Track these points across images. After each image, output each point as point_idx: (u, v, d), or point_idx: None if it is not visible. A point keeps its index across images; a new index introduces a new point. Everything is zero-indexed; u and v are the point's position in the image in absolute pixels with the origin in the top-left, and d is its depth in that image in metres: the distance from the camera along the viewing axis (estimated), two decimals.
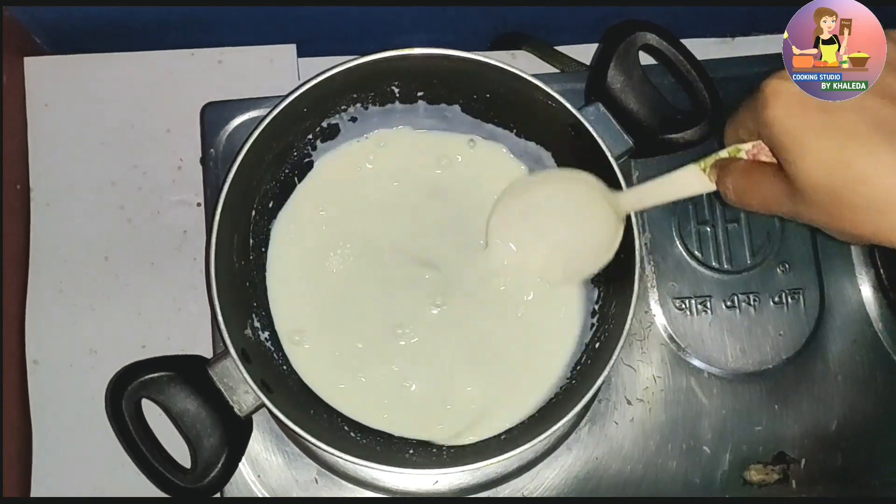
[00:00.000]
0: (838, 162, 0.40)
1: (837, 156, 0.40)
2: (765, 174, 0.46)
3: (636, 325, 0.66)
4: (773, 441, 0.65)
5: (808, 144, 0.41)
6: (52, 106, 0.72)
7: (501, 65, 0.58)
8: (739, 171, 0.47)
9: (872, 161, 0.39)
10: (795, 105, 0.42)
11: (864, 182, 0.39)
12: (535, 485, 0.64)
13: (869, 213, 0.40)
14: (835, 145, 0.40)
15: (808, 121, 0.41)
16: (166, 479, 0.54)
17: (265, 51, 0.74)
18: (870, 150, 0.39)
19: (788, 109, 0.42)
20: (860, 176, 0.39)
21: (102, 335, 0.69)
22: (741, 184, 0.47)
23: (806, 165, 0.41)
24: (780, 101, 0.42)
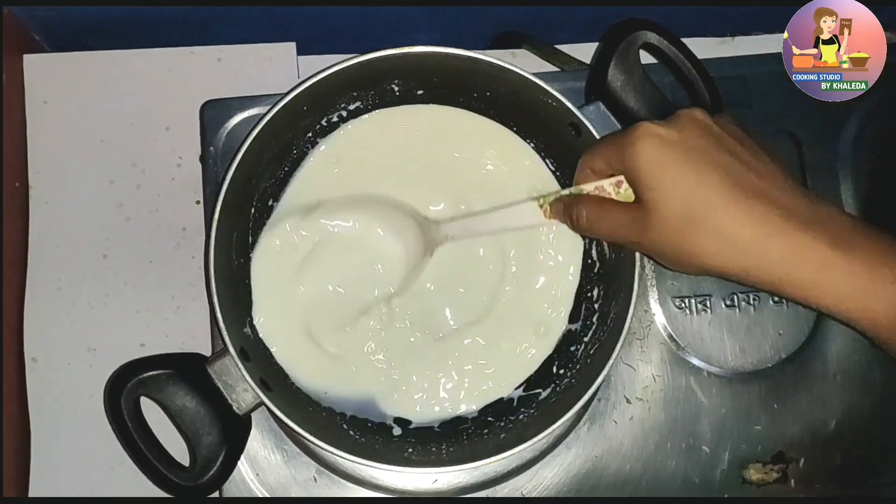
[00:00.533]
0: (693, 194, 0.48)
1: (692, 189, 0.48)
2: (615, 205, 0.53)
3: (636, 324, 0.66)
4: (772, 440, 0.64)
5: (669, 176, 0.48)
6: (51, 104, 0.72)
7: (502, 63, 0.58)
8: (592, 202, 0.54)
9: (721, 196, 0.48)
10: (660, 144, 0.49)
11: (713, 212, 0.48)
12: (534, 484, 0.64)
13: (713, 238, 0.48)
14: (691, 181, 0.48)
15: (670, 158, 0.48)
16: (165, 477, 0.54)
17: (265, 49, 0.74)
18: (718, 187, 0.48)
19: (655, 147, 0.49)
20: (711, 206, 0.48)
21: (101, 333, 0.69)
22: (593, 212, 0.54)
23: (665, 194, 0.48)
24: (649, 139, 0.49)
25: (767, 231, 0.47)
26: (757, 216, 0.47)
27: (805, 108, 0.67)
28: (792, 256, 0.47)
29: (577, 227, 0.55)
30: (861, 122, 0.67)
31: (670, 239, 0.49)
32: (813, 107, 0.66)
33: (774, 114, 0.67)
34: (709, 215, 0.48)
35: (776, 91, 0.67)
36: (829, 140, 0.67)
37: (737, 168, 0.48)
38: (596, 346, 0.62)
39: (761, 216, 0.47)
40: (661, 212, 0.49)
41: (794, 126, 0.67)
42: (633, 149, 0.49)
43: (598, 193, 0.54)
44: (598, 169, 0.54)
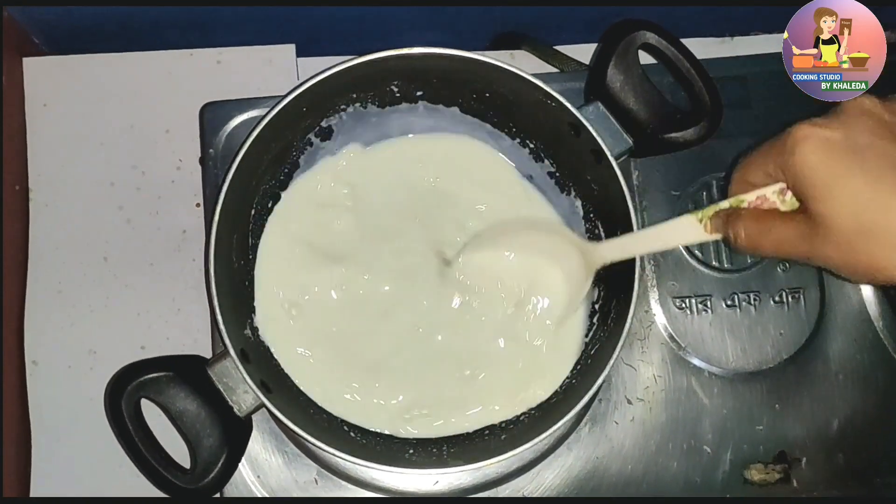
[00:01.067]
0: (869, 201, 0.43)
1: (867, 196, 0.43)
2: (776, 218, 0.48)
3: (636, 325, 0.66)
4: (773, 440, 0.64)
5: (838, 185, 0.43)
6: (51, 106, 0.72)
7: (501, 64, 0.58)
8: (751, 217, 0.49)
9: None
10: (824, 149, 0.44)
11: (890, 218, 0.42)
12: (535, 485, 0.64)
13: (891, 246, 0.43)
14: (864, 186, 0.43)
15: (838, 163, 0.43)
16: (165, 479, 0.54)
17: (264, 51, 0.74)
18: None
19: (818, 153, 0.44)
20: (890, 214, 0.42)
21: (101, 336, 0.69)
22: (753, 228, 0.49)
23: (836, 204, 0.43)
24: (810, 144, 0.44)
25: None
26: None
27: (804, 108, 0.65)
28: None
29: (736, 245, 0.50)
30: None
31: (847, 252, 0.44)
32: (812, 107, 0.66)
33: (773, 114, 0.68)
34: (891, 224, 0.43)
35: (775, 91, 0.67)
36: None
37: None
38: (597, 346, 0.62)
39: None
40: (833, 225, 0.44)
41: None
42: (794, 158, 0.45)
43: (760, 204, 0.49)
44: (756, 182, 0.49)
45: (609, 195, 0.59)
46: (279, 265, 0.63)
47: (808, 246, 0.46)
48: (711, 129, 0.58)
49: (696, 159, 0.65)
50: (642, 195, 0.67)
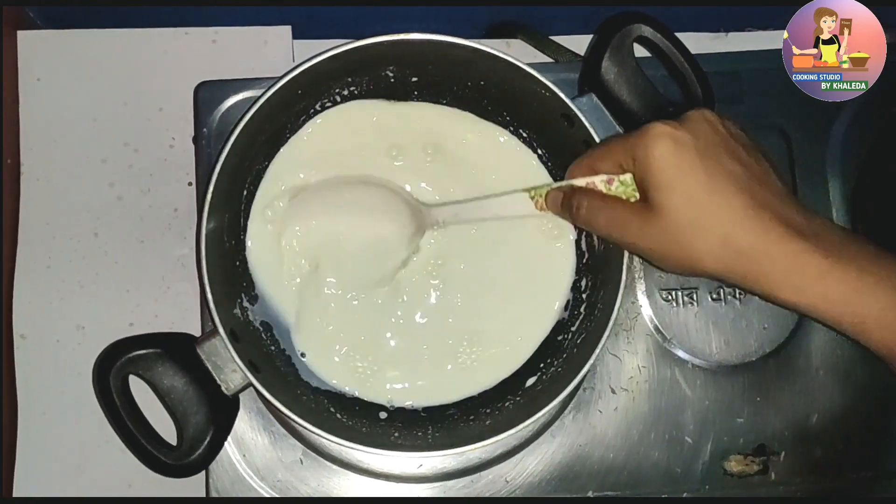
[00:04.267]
0: (703, 200, 0.49)
1: (703, 195, 0.49)
2: (617, 200, 0.54)
3: (622, 316, 0.66)
4: (753, 433, 0.65)
5: (682, 181, 0.49)
6: (45, 81, 0.72)
7: (496, 52, 0.58)
8: (595, 195, 0.55)
9: (729, 203, 0.48)
10: (675, 147, 0.49)
11: (720, 218, 0.49)
12: (518, 470, 0.65)
13: (717, 246, 0.49)
14: (702, 186, 0.49)
15: (685, 162, 0.49)
16: (152, 455, 0.55)
17: (260, 32, 0.73)
18: (727, 195, 0.48)
19: (670, 149, 0.49)
20: (718, 213, 0.48)
21: (90, 312, 0.69)
22: (595, 204, 0.54)
23: (675, 197, 0.49)
24: (665, 141, 0.49)
25: (769, 240, 0.48)
26: (761, 226, 0.48)
27: (796, 104, 0.67)
28: (789, 264, 0.48)
29: (575, 218, 0.56)
30: (850, 121, 0.67)
31: (672, 241, 0.50)
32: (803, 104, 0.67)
33: (765, 110, 0.68)
34: (717, 222, 0.49)
35: (768, 87, 0.68)
36: (819, 137, 0.68)
37: (745, 177, 0.49)
38: (583, 335, 0.62)
39: (765, 226, 0.48)
40: (669, 214, 0.49)
41: (785, 122, 0.68)
42: (646, 149, 0.50)
43: (592, 187, 0.55)
44: (600, 168, 0.54)
45: None
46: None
47: (641, 230, 0.51)
48: None
49: None
50: None
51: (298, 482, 0.63)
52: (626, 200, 0.53)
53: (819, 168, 0.68)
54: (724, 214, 0.48)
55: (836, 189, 0.68)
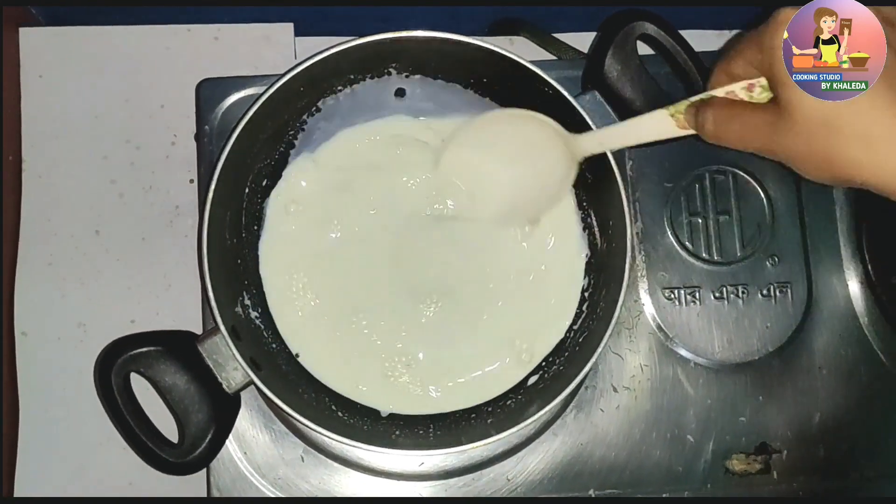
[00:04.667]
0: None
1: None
2: (745, 106, 0.48)
3: (625, 314, 0.66)
4: (756, 432, 0.65)
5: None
6: (47, 77, 0.72)
7: (500, 50, 0.58)
8: (721, 104, 0.49)
9: (871, 98, 0.43)
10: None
11: (859, 115, 0.43)
12: (519, 468, 0.64)
13: (857, 145, 0.43)
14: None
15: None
16: (153, 452, 0.55)
17: (262, 29, 0.74)
18: (872, 89, 0.43)
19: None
20: (857, 109, 0.43)
21: (91, 309, 0.69)
22: (722, 115, 0.49)
23: (804, 92, 0.44)
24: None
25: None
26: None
27: None
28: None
29: (704, 132, 0.51)
30: None
31: (808, 144, 0.44)
32: None
33: None
34: (855, 118, 0.43)
35: None
36: None
37: (891, 64, 0.44)
38: (585, 334, 0.62)
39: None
40: (799, 112, 0.44)
41: None
42: (772, 38, 0.45)
43: (729, 98, 0.50)
44: (735, 73, 0.49)
45: (602, 184, 0.59)
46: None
47: (772, 134, 0.46)
48: None
49: (690, 151, 0.66)
50: (636, 186, 0.67)
51: (300, 480, 0.63)
52: (754, 105, 0.48)
53: None
54: (863, 108, 0.43)
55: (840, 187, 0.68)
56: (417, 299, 0.64)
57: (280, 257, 0.64)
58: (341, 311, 0.63)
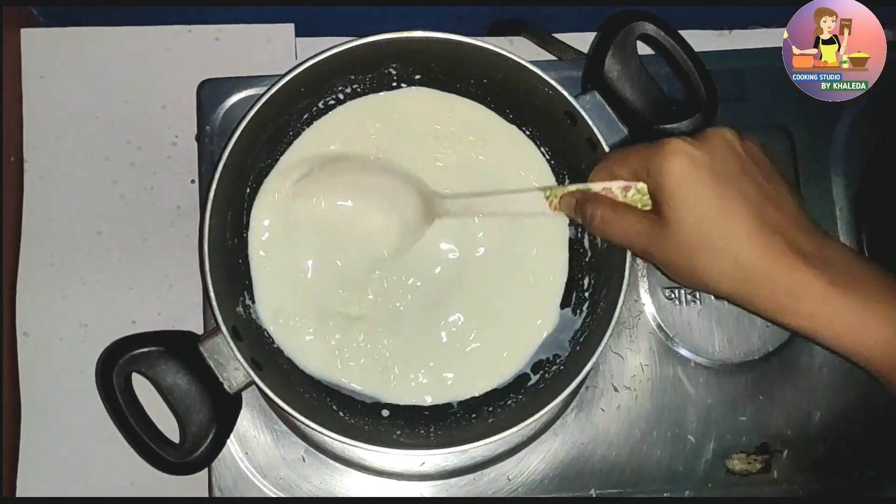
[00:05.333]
0: (715, 221, 0.49)
1: (715, 216, 0.49)
2: (631, 210, 0.54)
3: (625, 314, 0.66)
4: (756, 431, 0.65)
5: (694, 200, 0.49)
6: (48, 78, 0.72)
7: (500, 50, 0.58)
8: (608, 203, 0.55)
9: (739, 223, 0.49)
10: (691, 165, 0.50)
11: (731, 240, 0.49)
12: (520, 468, 0.65)
13: (726, 266, 0.49)
14: (714, 207, 0.49)
15: (698, 181, 0.49)
16: (155, 453, 0.55)
17: (263, 29, 0.74)
18: (740, 217, 0.49)
19: (686, 167, 0.50)
20: (730, 234, 0.49)
21: (93, 309, 0.69)
22: (609, 214, 0.54)
23: (688, 215, 0.50)
24: (681, 158, 0.50)
25: (781, 265, 0.48)
26: (772, 250, 0.48)
27: (799, 103, 0.66)
28: (797, 289, 0.48)
29: (589, 225, 0.56)
30: (854, 120, 0.67)
31: (683, 256, 0.51)
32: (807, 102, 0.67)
33: (768, 108, 0.68)
34: (727, 243, 0.49)
35: (771, 86, 0.68)
36: (822, 136, 0.68)
37: (760, 200, 0.49)
38: (585, 333, 0.62)
39: (776, 250, 0.48)
40: (681, 231, 0.50)
41: (788, 121, 0.68)
42: (662, 165, 0.50)
43: (605, 194, 0.55)
44: (618, 174, 0.54)
45: None
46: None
47: (653, 243, 0.52)
48: (706, 121, 0.59)
49: None
50: None
51: (301, 480, 0.63)
52: (639, 210, 0.54)
53: (823, 166, 0.68)
54: (733, 237, 0.49)
55: (840, 187, 0.68)
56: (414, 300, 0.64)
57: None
58: (335, 305, 0.64)
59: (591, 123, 0.58)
